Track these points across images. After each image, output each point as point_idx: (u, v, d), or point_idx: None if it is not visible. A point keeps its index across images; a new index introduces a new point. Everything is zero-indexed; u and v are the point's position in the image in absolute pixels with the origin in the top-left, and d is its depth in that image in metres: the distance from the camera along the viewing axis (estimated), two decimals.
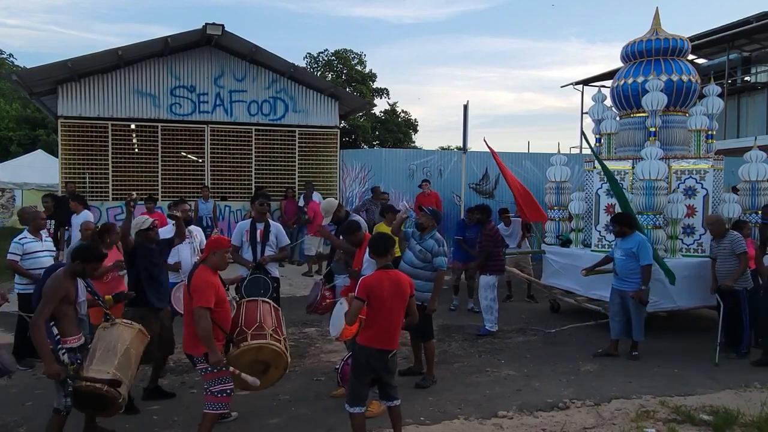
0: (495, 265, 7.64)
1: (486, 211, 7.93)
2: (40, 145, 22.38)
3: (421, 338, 5.81)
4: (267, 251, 6.11)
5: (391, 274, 4.12)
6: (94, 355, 4.05)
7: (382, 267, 4.16)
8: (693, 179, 7.86)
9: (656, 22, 8.58)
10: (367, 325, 4.09)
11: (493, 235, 7.70)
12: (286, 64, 12.26)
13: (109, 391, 3.96)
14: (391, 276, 4.11)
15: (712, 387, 5.58)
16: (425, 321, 5.68)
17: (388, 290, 4.04)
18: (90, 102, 11.48)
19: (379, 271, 4.14)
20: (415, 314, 4.27)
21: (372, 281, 4.06)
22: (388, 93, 35.22)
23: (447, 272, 6.26)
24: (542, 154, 13.84)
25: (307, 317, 7.62)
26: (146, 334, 4.50)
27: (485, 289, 7.55)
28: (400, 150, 15.72)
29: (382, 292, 4.02)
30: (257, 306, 4.75)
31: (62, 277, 4.08)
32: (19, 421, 4.81)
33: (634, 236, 6.52)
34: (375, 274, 4.14)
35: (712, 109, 8.19)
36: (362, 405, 4.12)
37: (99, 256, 4.35)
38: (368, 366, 4.10)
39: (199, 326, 4.01)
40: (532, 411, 5.02)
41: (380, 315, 4.03)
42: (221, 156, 12.27)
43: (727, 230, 6.73)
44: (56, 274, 4.12)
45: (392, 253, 4.29)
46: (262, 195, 6.50)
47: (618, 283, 6.61)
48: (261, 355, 4.49)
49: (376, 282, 4.05)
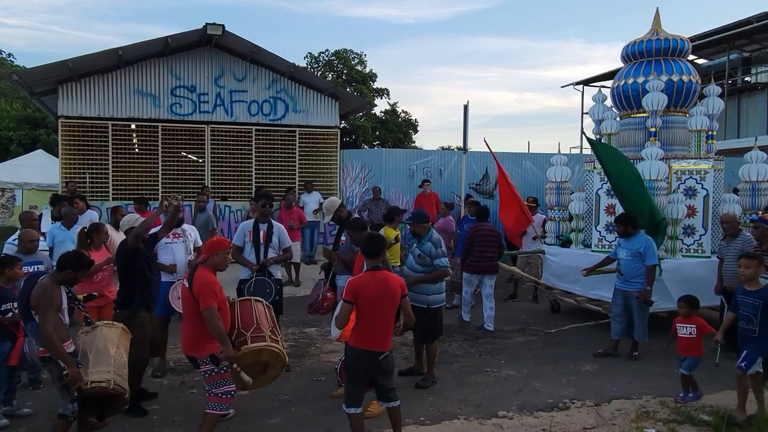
0: (470, 263, 7.91)
1: (475, 204, 8.41)
2: (41, 145, 22.36)
3: (423, 339, 5.81)
4: (270, 253, 6.07)
5: (378, 276, 4.08)
6: (89, 358, 4.07)
7: (372, 268, 4.13)
8: (693, 179, 7.86)
9: (656, 22, 8.58)
10: (356, 327, 4.09)
11: (471, 235, 7.92)
12: (287, 64, 12.26)
13: (116, 388, 4.05)
14: (379, 277, 4.07)
15: (713, 387, 5.57)
16: (431, 323, 5.68)
17: (375, 291, 4.00)
18: (90, 102, 11.47)
19: (367, 273, 4.12)
20: (410, 316, 4.21)
21: (358, 283, 4.05)
22: (388, 93, 35.21)
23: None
24: (542, 154, 13.83)
25: (307, 317, 7.63)
26: (128, 332, 4.56)
27: (464, 283, 8.13)
28: (400, 150, 15.72)
29: (368, 293, 3.99)
30: (251, 306, 4.75)
31: (52, 285, 4.03)
32: (19, 421, 4.81)
33: (640, 236, 6.52)
34: (362, 276, 4.14)
35: (712, 109, 8.19)
36: (358, 406, 4.12)
37: (89, 264, 4.42)
38: (358, 367, 4.10)
39: (212, 326, 4.02)
40: (533, 411, 5.02)
41: (367, 316, 4.02)
42: (221, 156, 12.26)
43: (740, 230, 6.73)
44: (45, 283, 4.05)
45: (381, 255, 4.23)
46: (265, 196, 6.45)
47: (622, 283, 6.58)
48: (261, 357, 4.52)
49: (362, 283, 4.04)
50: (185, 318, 4.29)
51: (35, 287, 4.04)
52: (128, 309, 4.92)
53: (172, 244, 6.13)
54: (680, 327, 5.36)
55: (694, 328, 5.27)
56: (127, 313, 4.89)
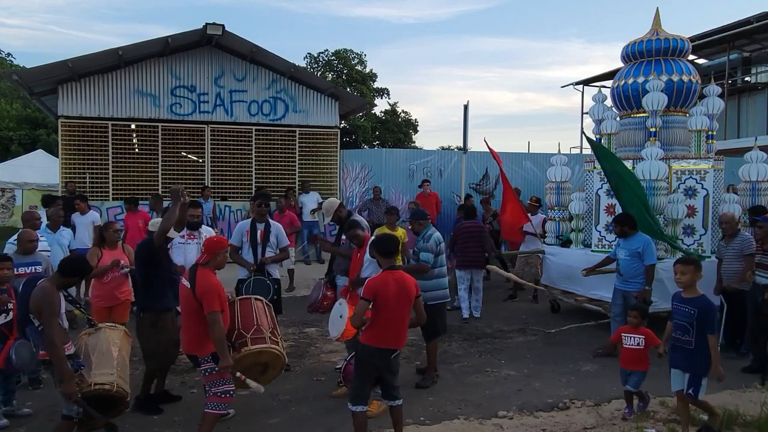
0: (458, 260, 8.42)
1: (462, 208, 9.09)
2: (41, 145, 22.35)
3: (426, 336, 5.82)
4: (267, 252, 6.07)
5: (396, 275, 4.12)
6: (92, 360, 4.07)
7: (388, 268, 4.16)
8: (693, 179, 7.85)
9: (656, 22, 8.58)
10: (372, 325, 4.08)
11: (456, 233, 8.56)
12: (287, 64, 12.26)
13: (119, 390, 4.06)
14: (397, 277, 4.11)
15: (713, 387, 5.56)
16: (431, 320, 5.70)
17: (394, 291, 4.04)
18: (90, 102, 11.48)
19: (386, 272, 4.14)
20: (422, 314, 4.26)
21: (379, 282, 4.07)
22: (388, 93, 35.27)
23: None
24: (542, 154, 13.85)
25: (307, 317, 7.63)
26: (129, 335, 4.59)
27: (457, 281, 8.52)
28: (400, 150, 15.73)
29: (388, 293, 4.02)
30: (251, 305, 4.75)
31: (52, 290, 4.00)
32: (19, 421, 4.81)
33: (638, 236, 6.51)
34: (381, 275, 4.14)
35: (712, 109, 8.19)
36: (364, 404, 4.12)
37: (89, 269, 4.42)
38: (371, 365, 4.11)
39: (214, 331, 4.03)
40: (533, 411, 5.02)
41: (386, 315, 4.03)
42: (221, 156, 12.27)
43: (739, 230, 6.72)
44: (45, 287, 4.00)
45: (397, 255, 4.28)
46: (262, 195, 6.44)
47: (621, 283, 6.57)
48: (261, 358, 4.53)
49: (383, 283, 4.06)
50: (185, 317, 4.28)
51: (35, 291, 3.99)
52: (152, 310, 4.90)
53: (185, 245, 6.11)
54: (626, 337, 4.88)
55: (643, 339, 4.83)
56: (152, 315, 4.87)
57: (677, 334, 4.40)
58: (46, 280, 4.13)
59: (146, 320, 4.89)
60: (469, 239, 8.41)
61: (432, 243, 5.76)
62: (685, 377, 4.38)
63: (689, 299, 4.35)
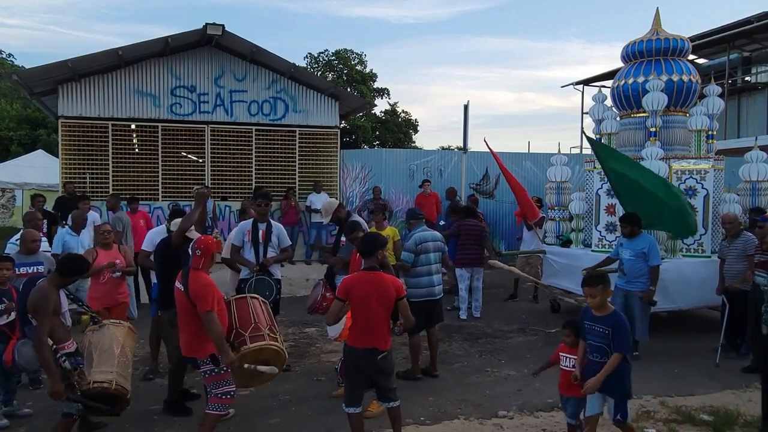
0: (459, 258, 8.46)
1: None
2: (41, 145, 22.37)
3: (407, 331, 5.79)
4: (269, 252, 6.06)
5: (371, 276, 4.06)
6: (93, 358, 4.08)
7: (367, 268, 4.12)
8: (693, 179, 7.85)
9: (656, 22, 8.58)
10: (352, 326, 4.11)
11: (457, 230, 8.56)
12: (287, 64, 12.25)
13: (118, 388, 4.04)
14: (372, 277, 4.06)
15: (713, 387, 5.57)
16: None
17: (366, 290, 3.99)
18: (90, 102, 11.47)
19: (360, 272, 4.13)
20: (408, 318, 4.13)
21: (350, 283, 4.07)
22: (388, 93, 35.28)
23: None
24: (542, 154, 13.83)
25: (307, 317, 7.63)
26: (134, 331, 4.63)
27: (458, 280, 8.63)
28: (400, 150, 15.72)
29: (359, 292, 3.99)
30: (248, 304, 4.75)
31: (50, 290, 4.01)
32: (19, 421, 4.81)
33: (643, 237, 6.51)
34: (355, 275, 4.16)
35: (712, 109, 8.18)
36: (357, 405, 4.12)
37: (87, 267, 4.44)
38: (357, 366, 4.09)
39: (210, 330, 4.03)
40: (533, 411, 5.03)
41: (362, 315, 4.02)
42: (221, 156, 12.25)
43: (742, 230, 6.71)
44: (42, 287, 4.02)
45: (375, 254, 4.18)
46: (262, 195, 6.39)
47: (624, 283, 6.56)
48: (261, 356, 4.52)
49: (354, 282, 4.05)
50: (181, 320, 4.27)
51: (32, 290, 4.01)
52: (171, 309, 4.83)
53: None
54: (564, 358, 4.22)
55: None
56: (171, 314, 4.84)
57: (594, 357, 3.94)
58: (44, 280, 4.15)
59: (167, 319, 4.88)
60: (470, 237, 8.46)
61: (411, 242, 5.96)
62: (609, 402, 3.99)
63: (602, 317, 3.92)
